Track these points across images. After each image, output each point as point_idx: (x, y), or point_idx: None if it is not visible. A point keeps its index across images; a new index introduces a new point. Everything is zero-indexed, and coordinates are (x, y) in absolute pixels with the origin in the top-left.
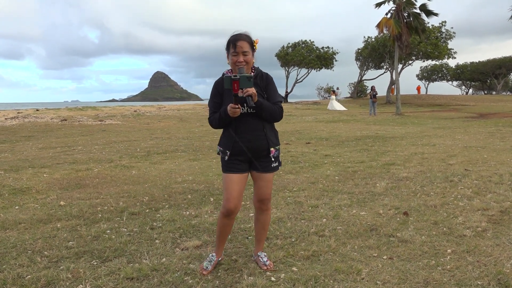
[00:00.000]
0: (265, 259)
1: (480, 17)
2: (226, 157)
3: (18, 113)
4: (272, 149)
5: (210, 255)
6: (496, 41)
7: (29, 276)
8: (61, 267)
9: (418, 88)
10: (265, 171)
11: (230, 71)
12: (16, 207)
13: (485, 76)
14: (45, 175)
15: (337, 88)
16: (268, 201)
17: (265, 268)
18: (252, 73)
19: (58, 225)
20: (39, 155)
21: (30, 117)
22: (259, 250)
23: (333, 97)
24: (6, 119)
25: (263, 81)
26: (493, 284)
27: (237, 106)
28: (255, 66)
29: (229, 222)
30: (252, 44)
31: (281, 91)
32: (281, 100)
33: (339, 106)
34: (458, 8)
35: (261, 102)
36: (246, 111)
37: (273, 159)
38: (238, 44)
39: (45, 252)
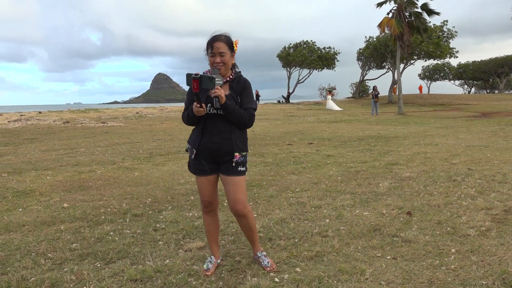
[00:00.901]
0: (266, 260)
1: (483, 16)
2: (193, 156)
3: (21, 115)
4: (236, 154)
5: (209, 257)
6: (498, 40)
7: (33, 278)
8: (65, 269)
9: (420, 88)
10: (230, 174)
11: (209, 71)
12: (20, 210)
13: (487, 75)
14: (48, 177)
15: (334, 88)
16: (242, 205)
17: (268, 269)
18: (232, 76)
19: (62, 227)
20: (42, 158)
21: (33, 119)
22: (257, 250)
23: (329, 97)
24: (9, 121)
25: (240, 86)
26: (498, 283)
27: (199, 105)
28: (237, 70)
29: (212, 219)
30: (231, 44)
31: (283, 92)
32: (254, 108)
33: (335, 106)
34: (460, 7)
35: (228, 105)
36: (216, 112)
37: (234, 164)
38: (215, 45)
39: (49, 254)
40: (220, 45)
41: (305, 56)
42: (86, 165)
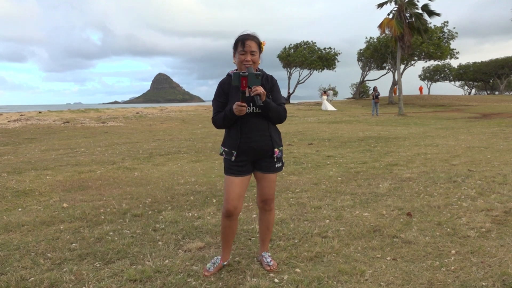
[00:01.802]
0: (268, 259)
1: (484, 17)
2: (233, 158)
3: (21, 115)
4: (276, 149)
5: (216, 257)
6: (499, 41)
7: (32, 278)
8: (64, 269)
9: (421, 89)
10: (269, 172)
11: (235, 71)
12: (19, 209)
13: (488, 76)
14: (48, 177)
15: (329, 89)
16: (272, 201)
17: (268, 268)
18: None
19: (61, 227)
20: (42, 157)
21: (33, 119)
22: (264, 250)
23: (324, 97)
24: (9, 121)
25: (268, 83)
26: (498, 285)
27: (243, 104)
28: (259, 68)
29: (231, 223)
30: (259, 45)
31: (283, 92)
32: (284, 102)
33: (329, 107)
34: (461, 8)
35: (269, 102)
36: (252, 111)
37: (275, 160)
38: (247, 43)
39: (48, 254)
40: (252, 44)
41: (305, 57)
42: (85, 165)
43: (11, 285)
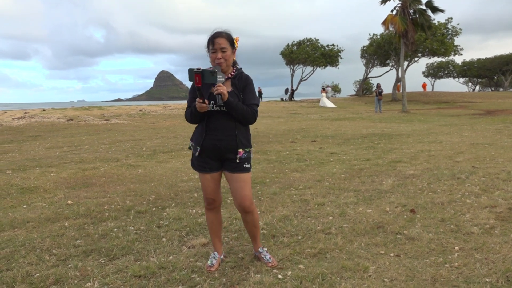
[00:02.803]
0: (267, 256)
1: (489, 13)
2: (197, 153)
3: (25, 113)
4: (240, 150)
5: (212, 253)
6: (505, 37)
7: (38, 274)
8: (69, 265)
9: (424, 86)
10: (236, 171)
11: (211, 68)
12: (24, 206)
13: (492, 72)
14: (52, 175)
15: (327, 86)
16: (249, 202)
17: (270, 265)
18: (233, 73)
19: (66, 224)
20: (46, 155)
21: (37, 117)
22: (258, 246)
23: (323, 94)
24: (13, 119)
25: (242, 82)
26: (502, 281)
27: (201, 101)
28: (239, 67)
29: (214, 215)
30: (232, 41)
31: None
32: (256, 104)
33: (328, 103)
34: (465, 4)
35: (231, 101)
36: (219, 109)
37: (238, 161)
38: (216, 41)
39: (53, 251)
40: (221, 41)
41: (308, 54)
42: (89, 162)
43: (17, 280)
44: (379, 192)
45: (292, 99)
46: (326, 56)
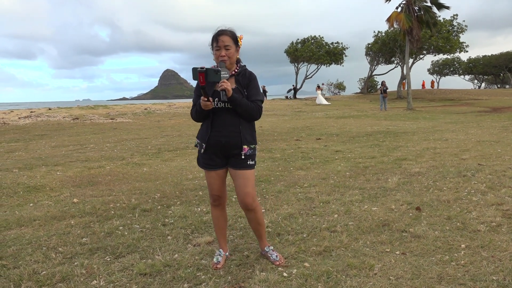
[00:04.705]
0: (274, 255)
1: (496, 8)
2: (202, 150)
3: (31, 112)
4: (245, 146)
5: (217, 250)
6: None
7: (44, 272)
8: (76, 263)
9: (423, 84)
10: (240, 168)
11: (215, 66)
12: (31, 205)
13: (498, 69)
14: (58, 173)
15: (322, 84)
16: (252, 199)
17: (277, 263)
18: (237, 70)
19: (72, 222)
20: (52, 154)
21: (43, 116)
22: (264, 245)
23: (319, 92)
24: (19, 118)
25: (245, 79)
26: (509, 279)
27: (205, 99)
28: (242, 64)
29: (220, 213)
30: (236, 39)
31: (290, 87)
32: (261, 100)
33: (323, 101)
34: (472, 0)
35: (235, 97)
36: (223, 106)
37: (243, 157)
38: (220, 38)
39: (60, 249)
40: (225, 38)
41: (313, 52)
42: (95, 160)
43: (23, 278)
44: (385, 190)
45: (290, 97)
46: (331, 54)
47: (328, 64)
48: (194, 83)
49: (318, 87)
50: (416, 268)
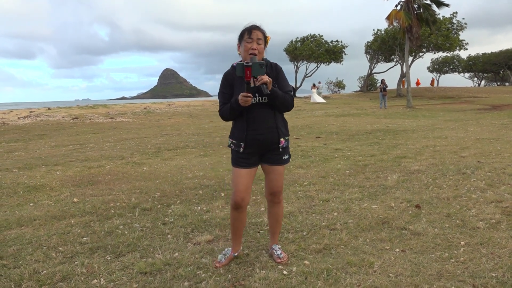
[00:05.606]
0: (279, 251)
1: (497, 6)
2: (241, 149)
3: (30, 112)
4: (282, 139)
5: (226, 249)
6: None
7: (45, 271)
8: (76, 262)
9: (417, 83)
10: (276, 164)
11: (240, 62)
12: (31, 204)
13: (497, 67)
14: (58, 173)
15: (319, 82)
16: (280, 193)
17: (279, 260)
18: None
19: (72, 221)
20: (52, 153)
21: (42, 115)
22: (274, 243)
23: (314, 90)
24: (19, 118)
25: (273, 71)
26: (508, 276)
27: (248, 95)
28: (264, 57)
29: (240, 215)
30: (265, 38)
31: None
32: (291, 90)
33: (319, 99)
34: None
35: (275, 90)
36: (258, 101)
37: (281, 150)
38: (254, 31)
39: (60, 248)
40: (258, 33)
41: (312, 50)
42: (95, 160)
43: (24, 278)
44: (384, 187)
45: None
46: (330, 52)
47: (327, 63)
48: (194, 82)
49: (314, 85)
50: (416, 265)
